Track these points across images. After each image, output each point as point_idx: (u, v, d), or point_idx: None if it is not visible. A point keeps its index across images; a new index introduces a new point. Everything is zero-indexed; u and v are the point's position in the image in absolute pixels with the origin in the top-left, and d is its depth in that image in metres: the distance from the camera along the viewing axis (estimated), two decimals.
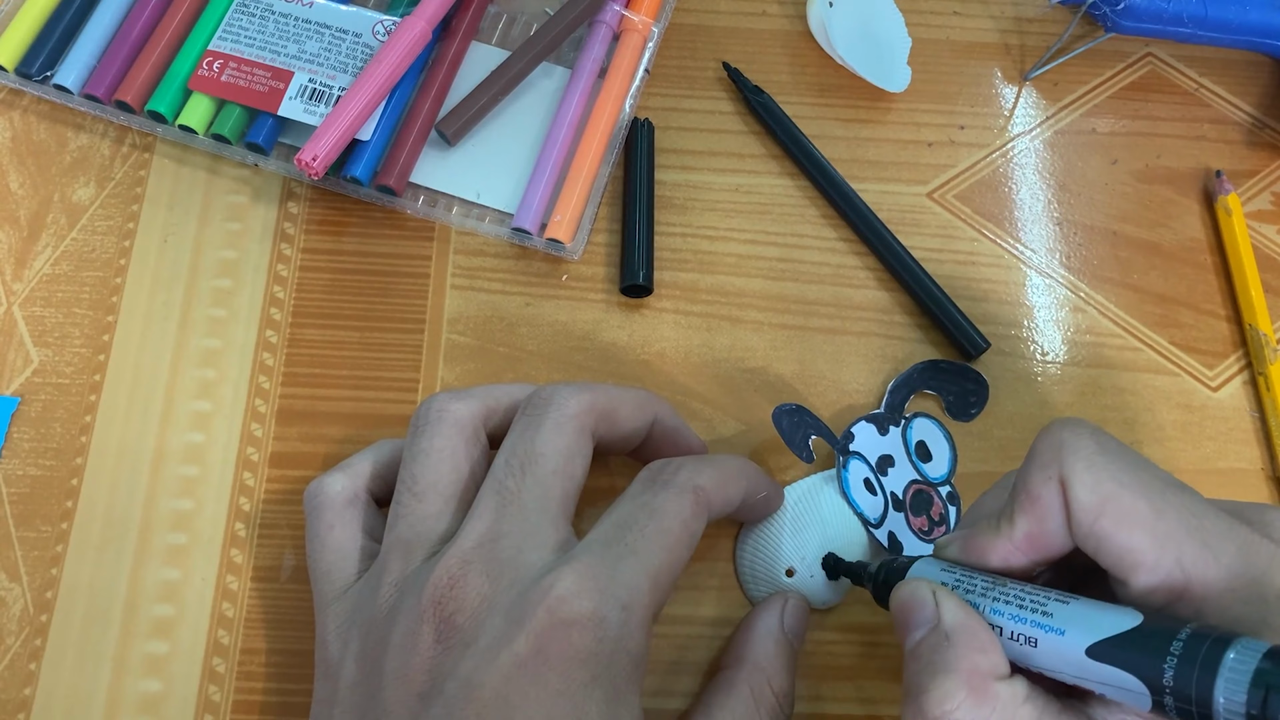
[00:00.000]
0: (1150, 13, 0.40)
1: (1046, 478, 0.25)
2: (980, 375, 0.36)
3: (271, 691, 0.32)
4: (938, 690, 0.24)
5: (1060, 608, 0.24)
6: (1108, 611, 0.23)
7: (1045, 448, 0.25)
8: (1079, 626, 0.23)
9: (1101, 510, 0.24)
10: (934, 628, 0.25)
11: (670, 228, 0.39)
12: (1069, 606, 0.24)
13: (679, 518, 0.27)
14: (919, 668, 0.24)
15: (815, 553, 0.33)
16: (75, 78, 0.38)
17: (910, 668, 0.25)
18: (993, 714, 0.23)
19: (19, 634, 0.32)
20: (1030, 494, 0.25)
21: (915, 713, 0.24)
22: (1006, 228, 0.39)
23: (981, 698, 0.23)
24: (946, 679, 0.24)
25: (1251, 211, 0.40)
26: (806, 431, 0.34)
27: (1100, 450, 0.25)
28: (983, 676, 0.24)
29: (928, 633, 0.25)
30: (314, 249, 0.38)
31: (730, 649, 0.31)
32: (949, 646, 0.24)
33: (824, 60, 0.42)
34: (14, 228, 0.37)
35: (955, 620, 0.25)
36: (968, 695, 0.23)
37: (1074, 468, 0.24)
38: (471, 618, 0.25)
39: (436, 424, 0.29)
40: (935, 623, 0.25)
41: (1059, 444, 0.25)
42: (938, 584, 0.26)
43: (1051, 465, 0.25)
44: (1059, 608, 0.24)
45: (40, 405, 0.35)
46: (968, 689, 0.23)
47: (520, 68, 0.39)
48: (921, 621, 0.25)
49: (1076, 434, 0.25)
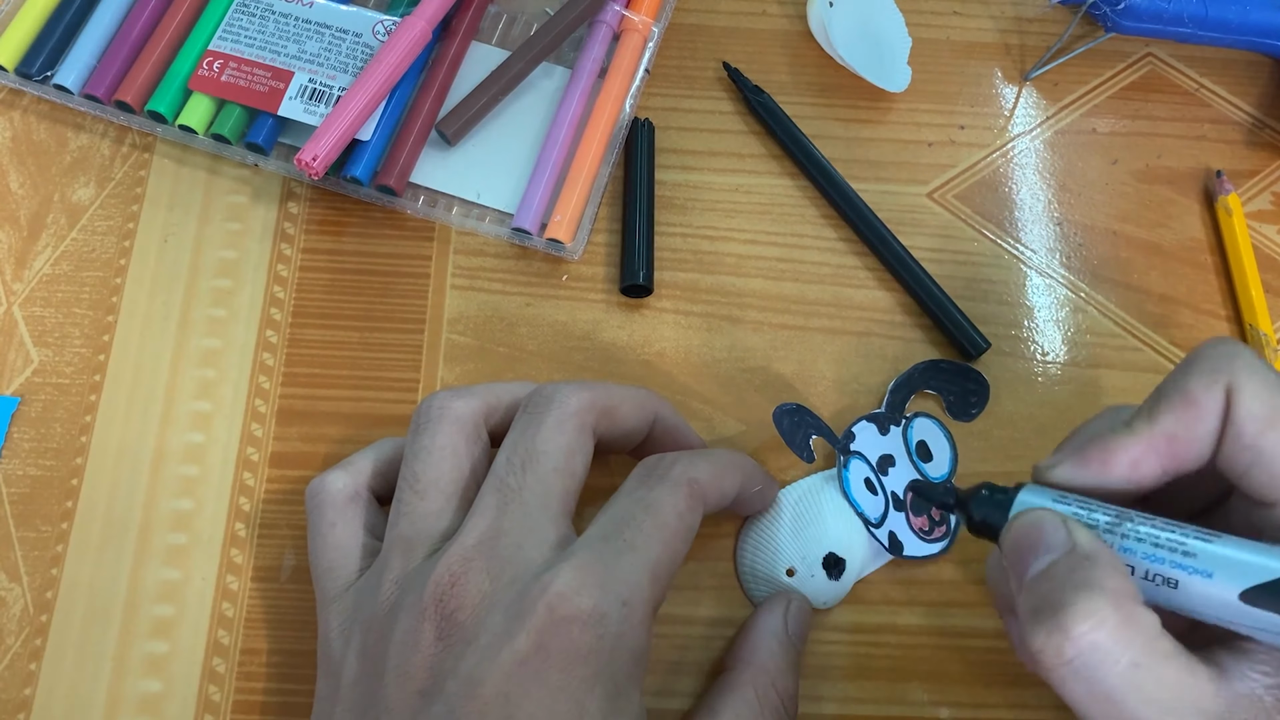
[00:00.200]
0: (1150, 13, 0.40)
1: (1212, 382, 0.24)
2: (981, 375, 0.36)
3: (271, 691, 0.32)
4: (1084, 605, 0.22)
5: (1203, 546, 0.22)
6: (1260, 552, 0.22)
7: (1214, 354, 0.24)
8: (1229, 570, 0.22)
9: (1272, 423, 0.23)
10: (1069, 551, 0.23)
11: (670, 228, 0.39)
12: (1213, 545, 0.22)
13: (675, 511, 0.27)
14: (1053, 586, 0.23)
15: (816, 552, 0.33)
16: (75, 78, 0.38)
17: (1039, 589, 0.23)
18: (1136, 637, 0.22)
19: (19, 634, 0.32)
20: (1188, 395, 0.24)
21: (1052, 631, 0.22)
22: (1006, 228, 0.39)
23: (1127, 618, 0.22)
24: (1094, 594, 0.22)
25: (1252, 211, 0.40)
26: (807, 431, 0.34)
27: (1270, 370, 0.24)
28: (1129, 599, 0.22)
29: (1063, 556, 0.23)
30: (314, 249, 0.38)
31: (733, 650, 0.31)
32: (1091, 566, 0.22)
33: (824, 60, 0.42)
34: (14, 228, 0.37)
35: (1092, 545, 0.23)
36: (1113, 613, 0.22)
37: (1249, 377, 0.23)
38: (473, 615, 0.25)
39: (438, 422, 0.29)
40: (1070, 547, 0.23)
41: (1232, 354, 0.24)
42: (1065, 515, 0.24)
43: (1221, 372, 0.24)
44: (1202, 546, 0.22)
45: (40, 405, 0.35)
46: (1114, 607, 0.22)
47: (520, 68, 0.39)
48: (1051, 546, 0.23)
49: (1248, 351, 0.24)
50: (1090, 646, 0.22)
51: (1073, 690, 0.22)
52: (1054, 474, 0.26)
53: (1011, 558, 0.25)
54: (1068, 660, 0.22)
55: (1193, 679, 0.22)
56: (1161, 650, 0.22)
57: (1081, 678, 0.22)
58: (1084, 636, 0.22)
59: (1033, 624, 0.23)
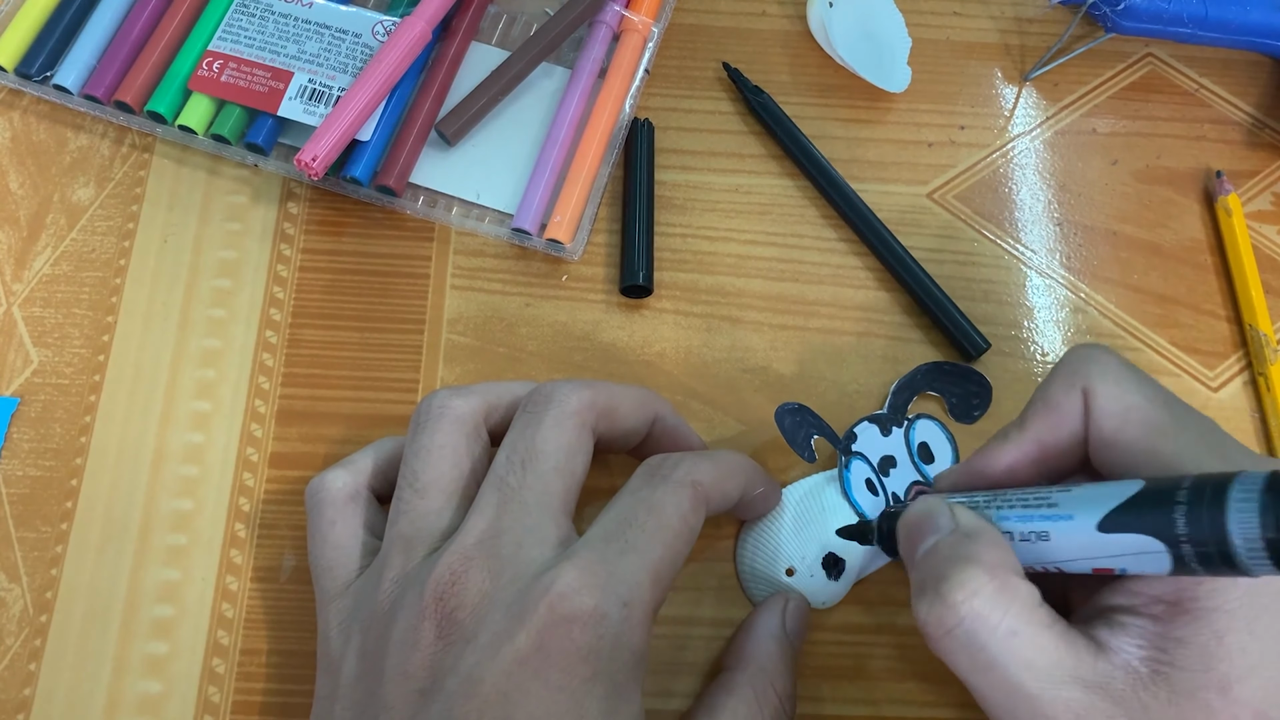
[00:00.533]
0: (1150, 13, 0.40)
1: (1070, 386, 0.26)
2: (983, 378, 0.36)
3: (271, 692, 0.32)
4: (961, 576, 0.23)
5: (1064, 496, 0.24)
6: (1109, 487, 0.23)
7: (1072, 361, 0.26)
8: (1086, 507, 0.23)
9: (1126, 419, 0.25)
10: (953, 530, 0.25)
11: (670, 228, 0.39)
12: (1071, 493, 0.24)
13: (678, 513, 0.27)
14: (937, 562, 0.24)
15: (816, 552, 0.33)
16: (75, 78, 0.38)
17: (925, 566, 0.25)
18: (1012, 605, 0.23)
19: (19, 634, 0.32)
20: (1049, 401, 0.26)
21: (934, 601, 0.24)
22: (1006, 228, 0.39)
23: (1003, 588, 0.23)
24: (970, 567, 0.23)
25: (1252, 212, 0.40)
26: (809, 431, 0.34)
27: (1126, 369, 0.26)
28: (1006, 569, 0.24)
29: (946, 535, 0.25)
30: (314, 249, 0.38)
31: (731, 650, 0.31)
32: (970, 542, 0.24)
33: (824, 60, 0.42)
34: (14, 228, 0.37)
35: (973, 524, 0.25)
36: (989, 582, 0.23)
37: (1102, 379, 0.25)
38: (472, 614, 0.25)
39: (438, 420, 0.29)
40: (953, 527, 0.25)
41: (1086, 359, 0.26)
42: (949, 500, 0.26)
43: (1077, 376, 0.26)
44: (1062, 496, 0.24)
45: (40, 405, 0.35)
46: (990, 577, 0.23)
47: (520, 68, 0.39)
48: (936, 529, 0.25)
49: (1104, 352, 0.26)
50: (970, 614, 0.23)
51: (958, 661, 0.24)
52: (944, 481, 0.28)
53: (905, 546, 0.26)
54: (949, 630, 0.23)
55: (1070, 648, 0.23)
56: (1039, 619, 0.23)
57: (963, 646, 0.23)
58: (962, 605, 0.23)
59: (918, 598, 0.24)
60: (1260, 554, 0.20)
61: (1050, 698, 0.23)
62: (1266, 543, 0.20)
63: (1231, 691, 0.22)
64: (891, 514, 0.29)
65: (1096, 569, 0.23)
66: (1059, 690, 0.23)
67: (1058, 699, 0.23)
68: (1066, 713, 0.23)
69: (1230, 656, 0.22)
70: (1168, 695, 0.23)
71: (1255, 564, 0.20)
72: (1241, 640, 0.22)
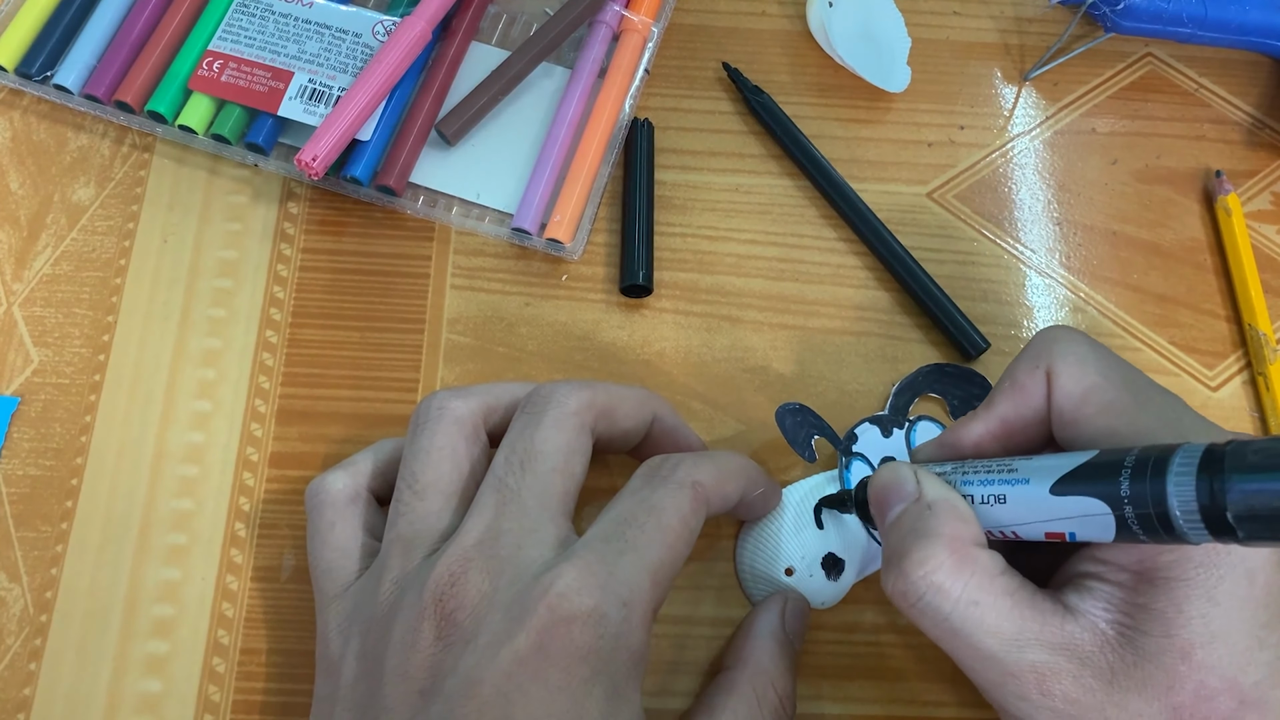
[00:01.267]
0: (1150, 13, 0.40)
1: (1034, 368, 0.27)
2: (985, 380, 0.36)
3: (271, 691, 0.32)
4: (920, 552, 0.24)
5: (1024, 463, 0.25)
6: (1066, 456, 0.24)
7: (1037, 343, 0.27)
8: (1041, 474, 0.24)
9: (1085, 399, 0.26)
10: (916, 500, 0.26)
11: (670, 228, 0.39)
12: (1031, 462, 0.25)
13: (678, 513, 0.27)
14: (900, 535, 0.25)
15: (815, 552, 0.33)
16: (75, 78, 0.38)
17: (890, 538, 0.26)
18: (972, 577, 0.24)
19: (19, 634, 0.32)
20: (1015, 381, 0.27)
21: (897, 576, 0.25)
22: (1006, 228, 0.39)
23: (961, 560, 0.24)
24: (929, 542, 0.24)
25: (1251, 212, 0.40)
26: (810, 431, 0.34)
27: (1090, 349, 0.26)
28: (963, 542, 0.25)
29: (909, 505, 0.26)
30: (314, 249, 0.38)
31: (731, 649, 0.31)
32: (931, 515, 0.25)
33: (824, 60, 0.42)
34: (14, 228, 0.37)
35: (936, 493, 0.26)
36: (948, 556, 0.24)
37: (1064, 359, 0.26)
38: (472, 615, 0.25)
39: (436, 422, 0.29)
40: (917, 496, 0.26)
41: (1051, 340, 0.27)
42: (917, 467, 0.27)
43: (1041, 358, 0.27)
44: (1022, 463, 0.25)
45: (40, 405, 0.35)
46: (949, 551, 0.24)
47: (520, 68, 0.39)
48: (903, 497, 0.26)
49: (1070, 334, 0.27)
50: (930, 588, 0.24)
51: (926, 629, 0.25)
52: (920, 454, 0.30)
53: (875, 511, 0.28)
54: (913, 603, 0.25)
55: (1035, 613, 0.24)
56: (1000, 587, 0.24)
57: (928, 617, 0.25)
58: (922, 579, 0.24)
59: (884, 570, 0.26)
60: (1197, 522, 0.21)
61: (1014, 660, 0.24)
62: (1202, 510, 0.20)
63: (1194, 657, 0.23)
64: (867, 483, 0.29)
65: (1048, 533, 0.24)
66: (1023, 653, 0.24)
67: (1022, 660, 0.24)
68: (1031, 673, 0.24)
69: (1190, 624, 0.23)
70: (1134, 658, 0.23)
71: (1193, 531, 0.21)
72: (1202, 608, 0.23)
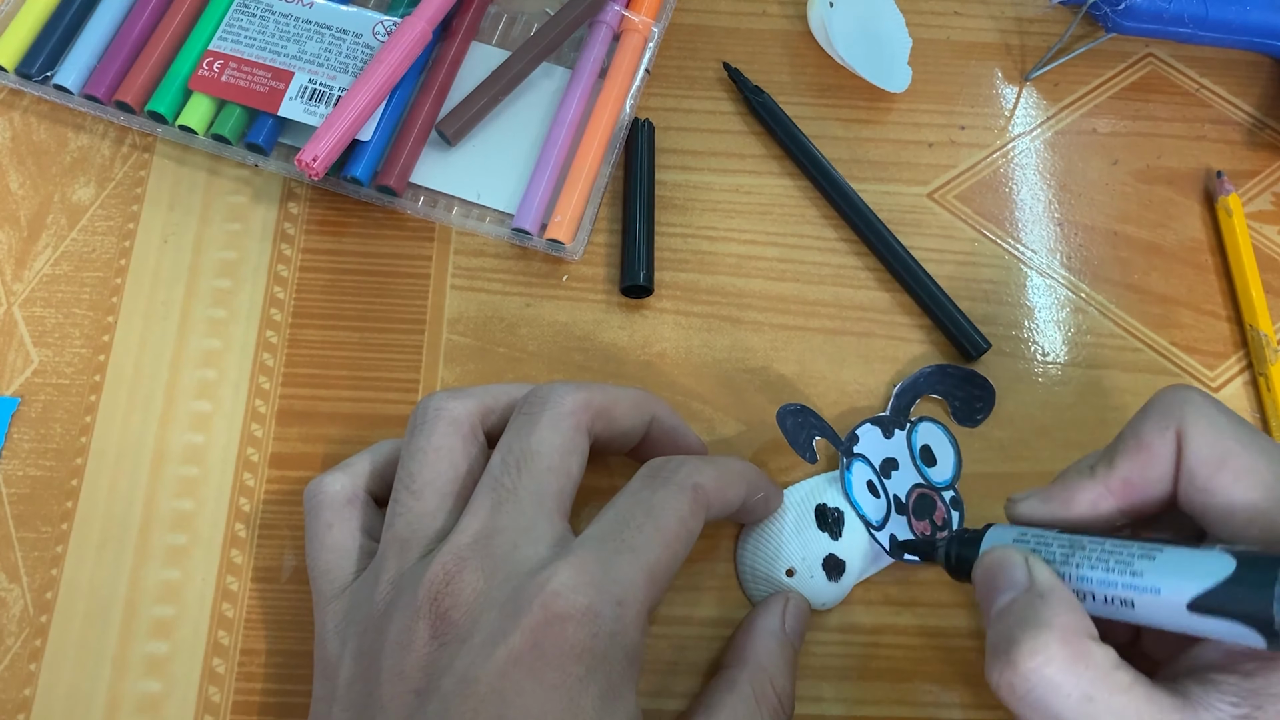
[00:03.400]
0: (1151, 13, 0.40)
1: (1164, 428, 0.25)
2: (987, 381, 0.36)
3: (271, 692, 0.32)
4: (1031, 642, 0.23)
5: (1147, 564, 0.23)
6: (1197, 558, 0.23)
7: (1166, 401, 0.26)
8: (1174, 581, 0.23)
9: (1221, 464, 0.24)
10: (1027, 589, 0.24)
11: (670, 228, 0.38)
12: (1156, 561, 0.23)
13: (677, 515, 0.27)
14: (1010, 623, 0.24)
15: (816, 553, 0.33)
16: (75, 78, 0.38)
17: (998, 626, 0.24)
18: (1086, 671, 0.23)
19: (19, 634, 0.32)
20: (1141, 441, 0.25)
21: (1004, 666, 0.23)
22: (1007, 228, 0.39)
23: (1077, 654, 0.23)
24: (1041, 632, 0.23)
25: (1252, 212, 0.40)
26: (811, 432, 0.34)
27: (1220, 412, 0.25)
28: (1078, 634, 0.23)
29: (1021, 593, 0.25)
30: (314, 249, 0.38)
31: (731, 649, 0.31)
32: (1043, 604, 0.24)
33: (824, 60, 0.42)
34: (14, 228, 0.37)
35: (1049, 582, 0.25)
36: (1062, 649, 0.23)
37: (1196, 422, 0.25)
38: (467, 613, 0.25)
39: (434, 422, 0.29)
40: (1029, 584, 0.25)
41: (1181, 400, 0.25)
42: (1028, 551, 0.26)
43: (1171, 417, 0.25)
44: (1146, 564, 0.23)
45: (40, 405, 0.35)
46: (1062, 643, 0.23)
47: (520, 68, 0.39)
48: (1012, 584, 0.25)
49: (1198, 395, 0.26)
50: (1041, 682, 0.23)
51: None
52: (1020, 508, 0.28)
53: (980, 594, 0.26)
54: (1020, 696, 0.23)
55: (1153, 708, 0.23)
56: (1117, 682, 0.23)
57: (1038, 712, 0.23)
58: (1034, 672, 0.23)
59: (990, 660, 0.24)
60: None
61: None
62: None
63: None
64: (964, 539, 0.28)
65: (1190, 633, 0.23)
66: None
67: None
68: None
69: None
70: None
71: None
72: None
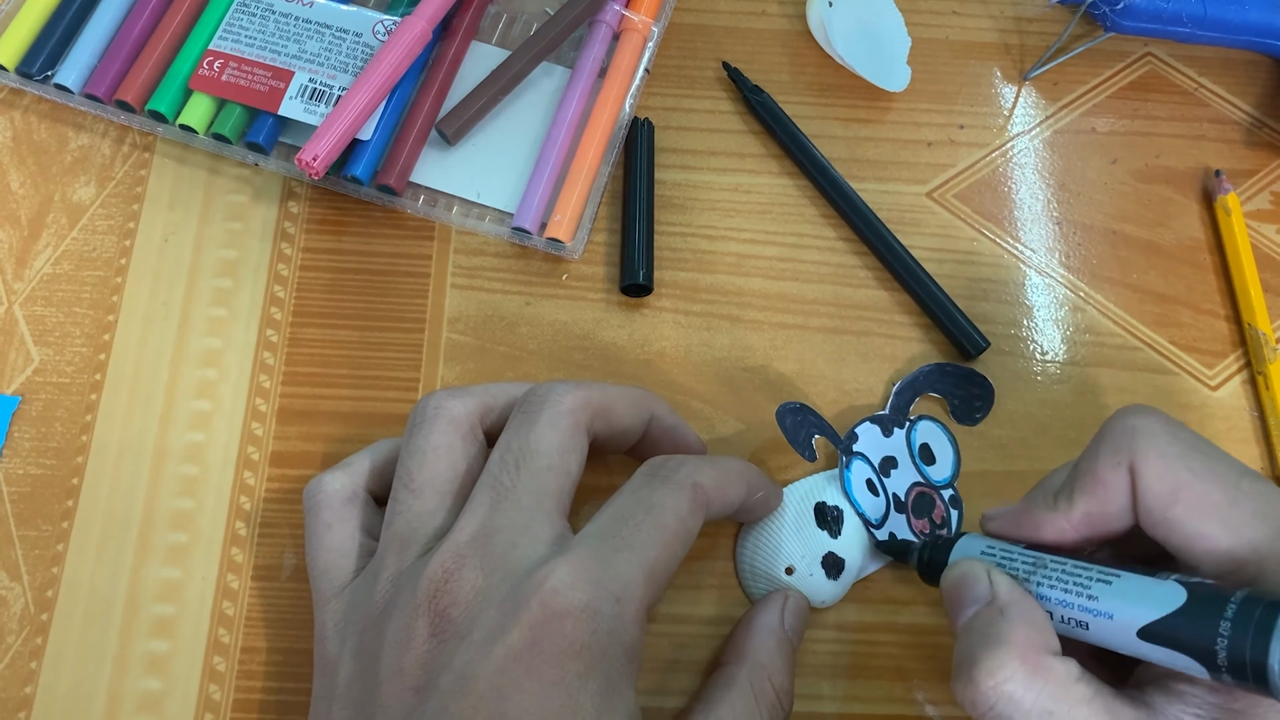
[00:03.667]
0: (1150, 12, 0.40)
1: (1116, 463, 0.25)
2: (986, 380, 0.36)
3: (272, 690, 0.32)
4: (990, 661, 0.24)
5: (1103, 589, 0.24)
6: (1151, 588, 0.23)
7: (1115, 433, 0.25)
8: (1126, 608, 0.23)
9: (1174, 499, 0.24)
10: (988, 603, 0.25)
11: (670, 227, 0.39)
12: (1112, 587, 0.24)
13: (676, 514, 0.27)
14: (971, 641, 0.25)
15: (815, 551, 0.33)
16: (76, 77, 0.38)
17: (962, 642, 0.25)
18: (1045, 686, 0.23)
19: (20, 633, 0.32)
20: (1096, 477, 0.25)
21: (966, 684, 0.24)
22: (1006, 227, 0.39)
23: (1035, 670, 0.23)
24: (999, 650, 0.24)
25: (1251, 211, 0.40)
26: (810, 431, 0.34)
27: (1173, 439, 0.25)
28: (1036, 650, 0.24)
29: (982, 608, 0.25)
30: (314, 248, 0.38)
31: (730, 646, 0.31)
32: (1003, 620, 0.24)
33: (824, 60, 0.42)
34: (14, 227, 0.37)
35: (1010, 596, 0.25)
36: (1020, 666, 0.23)
37: (1146, 455, 0.25)
38: (466, 611, 0.25)
39: (433, 421, 0.29)
40: (990, 599, 0.25)
41: (1130, 430, 0.25)
42: (992, 565, 0.26)
43: (1122, 451, 0.25)
44: (1102, 589, 0.24)
45: (41, 404, 0.35)
46: (1020, 660, 0.23)
47: (520, 67, 0.39)
48: (975, 598, 0.26)
49: (1149, 421, 0.25)
50: (1001, 698, 0.23)
51: None
52: (991, 527, 0.28)
53: (947, 607, 0.27)
54: (983, 712, 0.24)
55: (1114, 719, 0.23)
56: (1078, 695, 0.23)
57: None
58: (993, 690, 0.23)
59: (955, 677, 0.25)
60: None
61: None
62: None
63: None
64: (936, 545, 0.29)
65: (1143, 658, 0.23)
66: None
67: None
68: None
69: None
70: None
71: None
72: None
